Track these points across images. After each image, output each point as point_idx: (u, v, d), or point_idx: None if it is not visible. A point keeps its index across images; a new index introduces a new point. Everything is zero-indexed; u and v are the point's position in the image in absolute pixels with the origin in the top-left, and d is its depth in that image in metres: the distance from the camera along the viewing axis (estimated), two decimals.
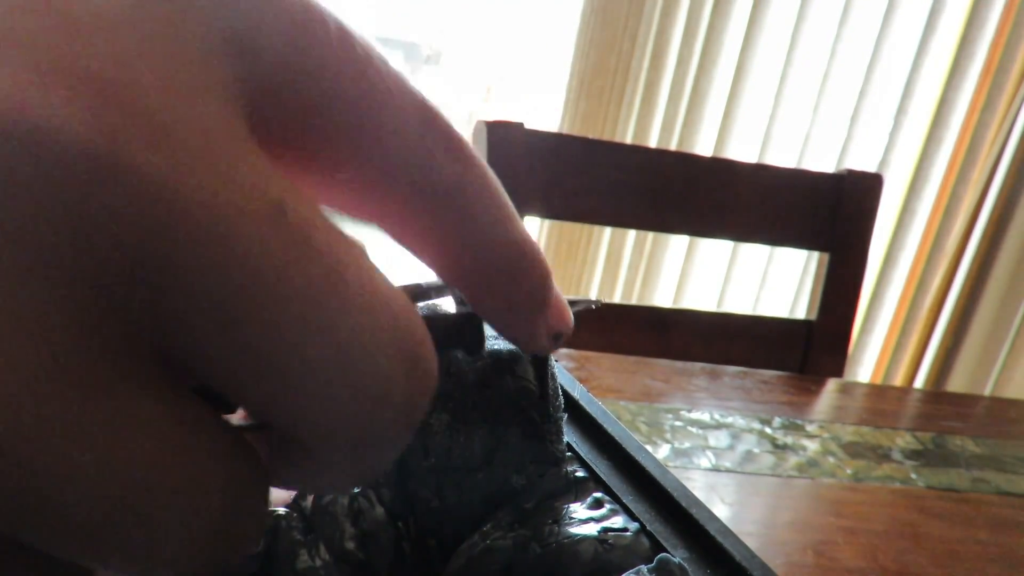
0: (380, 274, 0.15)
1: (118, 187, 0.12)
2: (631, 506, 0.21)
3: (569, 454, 0.23)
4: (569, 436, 0.24)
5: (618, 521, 0.21)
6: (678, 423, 0.77)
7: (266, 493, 0.15)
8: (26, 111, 0.11)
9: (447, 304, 0.21)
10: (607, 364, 0.89)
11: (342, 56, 0.16)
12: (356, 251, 0.14)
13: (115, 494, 0.12)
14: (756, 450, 0.75)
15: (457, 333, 0.21)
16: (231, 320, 0.13)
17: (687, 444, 0.74)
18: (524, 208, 0.99)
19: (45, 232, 0.11)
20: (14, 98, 0.11)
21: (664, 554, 0.19)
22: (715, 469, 0.70)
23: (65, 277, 0.12)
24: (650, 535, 0.20)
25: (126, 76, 0.12)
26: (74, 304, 0.12)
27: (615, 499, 0.21)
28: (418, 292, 0.20)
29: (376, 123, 0.16)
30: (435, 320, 0.20)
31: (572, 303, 0.22)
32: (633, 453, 0.22)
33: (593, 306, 0.24)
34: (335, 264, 0.13)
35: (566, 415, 0.24)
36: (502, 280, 0.19)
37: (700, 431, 0.77)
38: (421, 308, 0.21)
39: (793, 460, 0.74)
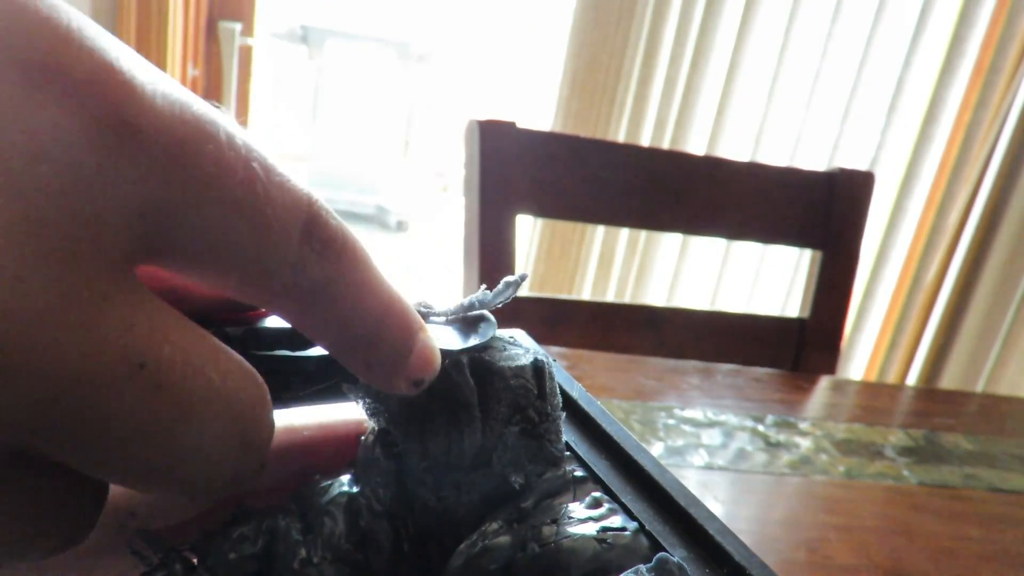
0: (234, 370, 0.18)
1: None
2: (630, 505, 0.21)
3: (568, 453, 0.23)
4: (568, 435, 0.24)
5: (617, 520, 0.21)
6: (671, 421, 0.78)
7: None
8: None
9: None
10: (600, 363, 0.90)
11: (234, 179, 0.17)
12: (213, 366, 0.17)
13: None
14: (749, 448, 0.75)
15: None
16: (97, 445, 0.16)
17: (680, 442, 0.74)
18: (516, 206, 1.00)
19: None
20: None
21: (663, 553, 0.19)
22: (708, 467, 0.71)
23: None
24: (649, 534, 0.20)
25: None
26: None
27: (614, 498, 0.22)
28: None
29: (258, 240, 0.18)
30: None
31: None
32: (632, 452, 0.22)
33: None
34: (185, 394, 0.16)
35: (564, 414, 0.24)
36: (360, 347, 0.20)
37: (693, 429, 0.77)
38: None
39: (786, 458, 0.75)
